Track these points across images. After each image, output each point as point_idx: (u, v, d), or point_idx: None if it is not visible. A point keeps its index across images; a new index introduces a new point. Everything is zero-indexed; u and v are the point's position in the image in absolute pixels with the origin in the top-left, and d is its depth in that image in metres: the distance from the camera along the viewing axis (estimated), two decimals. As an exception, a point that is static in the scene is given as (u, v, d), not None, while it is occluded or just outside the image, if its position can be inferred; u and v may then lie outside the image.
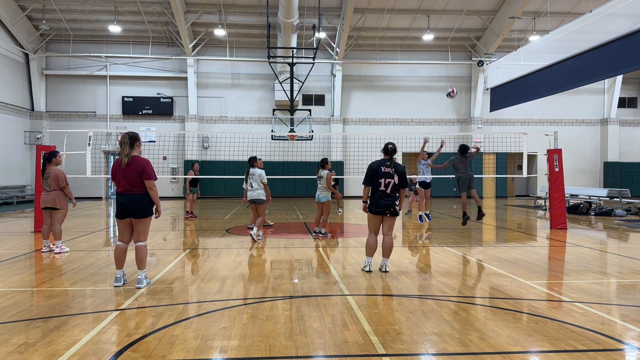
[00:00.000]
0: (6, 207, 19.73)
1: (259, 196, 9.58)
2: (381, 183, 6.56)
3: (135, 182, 5.67)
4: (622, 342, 4.01)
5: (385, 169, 6.59)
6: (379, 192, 6.57)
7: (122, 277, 5.87)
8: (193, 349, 3.80)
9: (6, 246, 9.07)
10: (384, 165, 6.62)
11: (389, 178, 6.57)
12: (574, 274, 6.68)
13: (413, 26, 24.54)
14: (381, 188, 6.55)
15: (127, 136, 5.71)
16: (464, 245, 9.45)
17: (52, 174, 8.16)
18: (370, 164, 6.72)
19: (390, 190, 6.55)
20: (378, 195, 6.58)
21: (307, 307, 4.98)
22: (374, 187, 6.62)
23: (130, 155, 5.68)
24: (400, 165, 6.71)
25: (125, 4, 22.38)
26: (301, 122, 21.03)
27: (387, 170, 6.59)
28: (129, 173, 5.66)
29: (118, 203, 5.74)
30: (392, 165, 6.63)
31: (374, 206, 6.62)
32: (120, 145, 5.76)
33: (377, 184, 6.58)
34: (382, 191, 6.56)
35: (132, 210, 5.69)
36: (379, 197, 6.57)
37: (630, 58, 10.43)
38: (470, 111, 26.85)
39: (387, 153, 6.70)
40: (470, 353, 3.74)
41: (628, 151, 27.86)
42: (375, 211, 6.62)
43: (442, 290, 5.69)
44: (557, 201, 11.99)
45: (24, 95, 24.09)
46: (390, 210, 6.57)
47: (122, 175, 5.70)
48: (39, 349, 3.78)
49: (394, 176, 6.59)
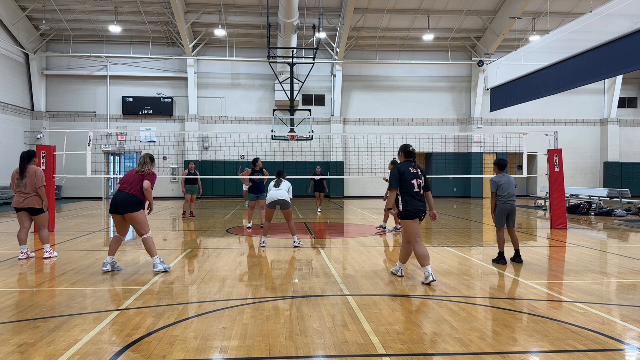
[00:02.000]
0: (6, 207, 19.72)
1: (286, 197, 8.79)
2: (414, 184, 6.10)
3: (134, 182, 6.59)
4: (622, 342, 4.01)
5: (413, 169, 6.18)
6: (413, 194, 6.08)
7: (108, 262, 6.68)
8: (193, 349, 3.80)
9: (6, 246, 9.07)
10: (411, 166, 6.22)
11: (419, 179, 6.18)
12: (574, 274, 6.68)
13: (413, 26, 24.54)
14: (415, 189, 6.10)
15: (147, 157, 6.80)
16: (464, 245, 9.45)
17: (30, 173, 7.66)
18: (396, 167, 6.23)
19: (422, 192, 6.19)
20: (412, 197, 6.07)
21: (307, 307, 4.98)
22: (406, 189, 6.08)
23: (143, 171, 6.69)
24: (422, 168, 6.38)
25: (125, 4, 22.38)
26: (301, 122, 21.03)
27: (415, 170, 6.19)
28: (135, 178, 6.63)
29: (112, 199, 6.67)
30: (417, 166, 6.29)
31: (410, 210, 6.06)
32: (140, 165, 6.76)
33: (410, 185, 6.07)
34: (416, 192, 6.10)
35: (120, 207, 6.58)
36: (414, 200, 6.07)
37: (630, 58, 10.42)
38: (470, 111, 26.85)
39: (411, 155, 6.33)
40: (470, 353, 3.74)
41: (628, 151, 27.86)
42: (414, 214, 6.06)
43: (442, 290, 5.69)
44: (557, 201, 12.00)
45: (24, 95, 24.09)
46: (425, 213, 6.19)
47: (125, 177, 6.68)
48: (39, 349, 3.78)
49: (422, 177, 6.23)
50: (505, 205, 7.33)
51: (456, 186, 27.16)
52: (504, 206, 7.33)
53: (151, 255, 6.70)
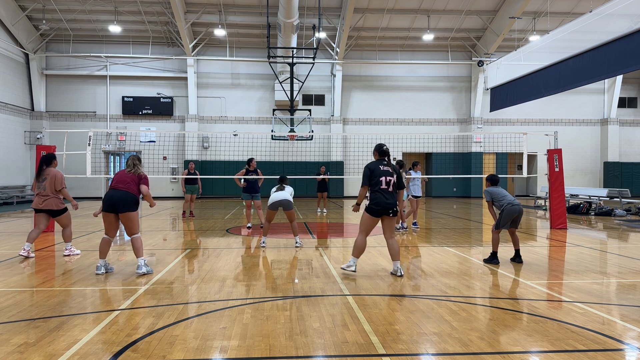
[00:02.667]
0: (6, 207, 19.73)
1: (289, 198, 8.75)
2: (382, 181, 6.35)
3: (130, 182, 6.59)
4: (622, 342, 4.01)
5: (384, 167, 6.45)
6: (381, 191, 6.35)
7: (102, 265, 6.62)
8: (193, 349, 3.80)
9: (6, 246, 9.07)
10: (382, 164, 6.48)
11: (389, 176, 6.41)
12: (574, 274, 6.68)
13: (413, 26, 24.54)
14: (383, 186, 6.34)
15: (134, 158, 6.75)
16: (464, 245, 9.45)
17: (50, 176, 7.80)
18: (367, 165, 6.52)
19: (391, 189, 6.39)
20: (380, 194, 6.34)
21: (307, 307, 4.98)
22: (374, 186, 6.38)
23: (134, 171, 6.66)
24: (395, 166, 6.62)
25: (125, 4, 22.38)
26: (301, 122, 21.03)
27: (386, 168, 6.44)
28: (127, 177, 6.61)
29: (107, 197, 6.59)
30: (389, 164, 6.53)
31: (376, 205, 6.33)
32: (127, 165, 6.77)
33: (378, 182, 6.35)
34: (384, 189, 6.34)
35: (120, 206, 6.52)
36: (381, 196, 6.33)
37: (630, 58, 10.42)
38: (470, 111, 26.85)
39: (384, 154, 6.59)
40: (470, 353, 3.74)
41: (628, 151, 27.86)
42: (377, 211, 6.35)
43: (442, 290, 5.69)
44: (557, 201, 11.99)
45: (24, 95, 24.09)
46: (393, 210, 6.38)
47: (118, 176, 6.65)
48: (39, 349, 3.78)
49: (393, 174, 6.46)
50: (513, 208, 7.22)
51: (456, 186, 27.16)
52: (512, 209, 7.22)
53: (137, 256, 6.61)
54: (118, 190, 6.49)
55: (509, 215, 7.23)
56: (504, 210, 7.26)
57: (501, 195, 7.38)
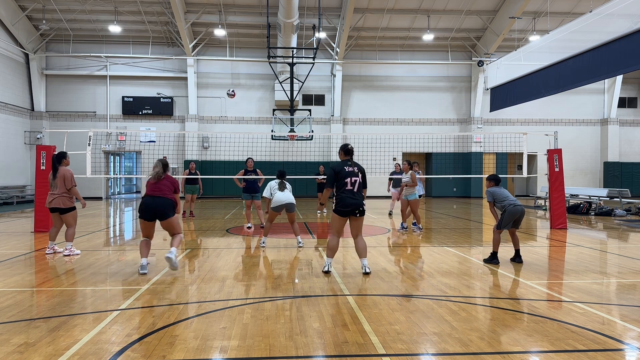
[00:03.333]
0: (6, 207, 19.73)
1: (293, 200, 8.91)
2: (347, 182, 6.47)
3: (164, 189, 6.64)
4: (622, 342, 4.01)
5: (348, 168, 6.56)
6: (347, 192, 6.46)
7: (146, 264, 6.62)
8: (193, 349, 3.80)
9: (6, 246, 9.07)
10: (346, 165, 6.59)
11: (354, 177, 6.53)
12: (574, 274, 6.68)
13: (413, 26, 24.53)
14: (348, 187, 6.47)
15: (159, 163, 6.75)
16: (464, 245, 9.45)
17: (60, 174, 8.02)
18: (331, 167, 6.66)
19: (357, 189, 6.51)
20: (345, 195, 6.46)
21: (307, 307, 4.98)
22: (340, 187, 6.50)
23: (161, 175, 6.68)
24: (361, 165, 6.72)
25: (125, 4, 22.38)
26: (301, 122, 21.02)
27: (351, 169, 6.56)
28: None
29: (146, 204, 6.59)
30: (353, 164, 6.63)
31: (342, 206, 6.44)
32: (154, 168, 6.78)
33: (343, 184, 6.48)
34: (349, 190, 6.47)
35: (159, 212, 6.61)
36: (346, 197, 6.45)
37: (630, 58, 10.42)
38: (470, 111, 26.84)
39: (348, 154, 6.71)
40: (470, 353, 3.74)
41: (628, 151, 27.86)
42: (343, 212, 6.48)
43: (442, 290, 5.69)
44: (557, 201, 11.99)
45: (24, 95, 24.09)
46: (360, 209, 6.50)
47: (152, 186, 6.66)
48: (39, 349, 3.78)
49: (358, 174, 6.58)
50: (515, 208, 7.22)
51: (456, 186, 27.15)
52: (515, 209, 7.22)
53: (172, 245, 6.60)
54: (155, 198, 6.54)
55: (511, 215, 7.23)
56: (505, 210, 7.26)
57: (503, 196, 7.40)
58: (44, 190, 11.02)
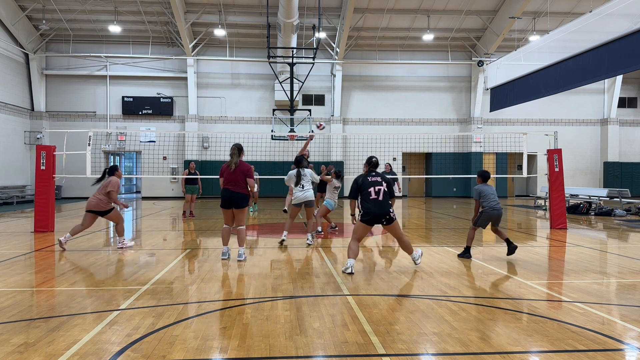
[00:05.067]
0: (6, 207, 19.73)
1: (312, 197, 9.25)
2: (371, 192, 6.50)
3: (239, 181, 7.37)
4: (622, 342, 4.01)
5: (372, 178, 6.61)
6: (371, 202, 6.49)
7: (227, 251, 7.62)
8: (193, 349, 3.80)
9: (6, 246, 9.07)
10: (369, 176, 6.66)
11: (378, 185, 6.54)
12: (574, 274, 6.68)
13: (413, 26, 24.54)
14: (372, 197, 6.48)
15: (235, 147, 7.57)
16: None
17: (106, 181, 8.70)
18: (355, 179, 6.75)
19: (382, 197, 6.50)
20: (370, 205, 6.48)
21: (307, 307, 4.98)
22: (364, 197, 6.54)
23: (237, 162, 7.43)
24: (385, 176, 6.75)
25: (125, 4, 22.38)
26: (301, 122, 21.02)
27: (375, 179, 6.59)
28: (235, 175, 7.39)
29: (224, 197, 7.43)
30: (377, 174, 6.68)
31: (368, 216, 6.49)
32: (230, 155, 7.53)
33: (367, 193, 6.51)
34: (374, 199, 6.48)
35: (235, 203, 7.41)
36: (372, 207, 6.47)
37: (630, 58, 10.42)
38: (470, 111, 26.85)
39: (372, 166, 6.79)
40: (470, 353, 3.74)
41: (628, 151, 27.86)
42: (368, 220, 6.51)
43: (442, 290, 5.69)
44: (557, 201, 11.99)
45: (24, 95, 24.09)
46: (386, 218, 6.50)
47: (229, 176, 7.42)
48: (39, 349, 3.78)
49: (382, 183, 6.58)
50: (493, 212, 7.62)
51: (456, 186, 27.15)
52: (492, 213, 7.63)
53: (240, 245, 7.57)
54: (230, 191, 7.38)
55: (487, 217, 7.68)
56: (483, 212, 7.68)
57: (488, 196, 7.68)
58: (44, 190, 11.03)
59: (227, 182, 7.40)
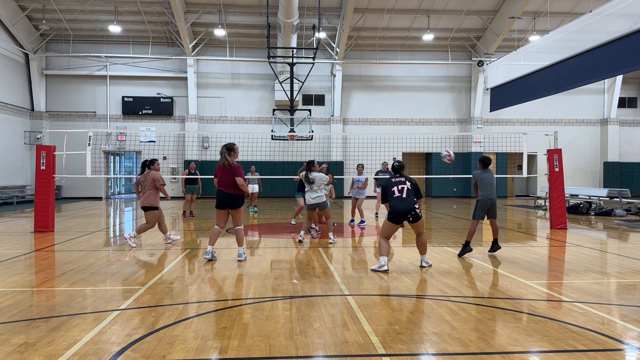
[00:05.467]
0: (6, 207, 19.73)
1: (322, 199, 9.31)
2: (394, 191, 6.69)
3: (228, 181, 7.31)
4: (622, 342, 4.01)
5: (395, 179, 6.83)
6: (396, 199, 6.68)
7: (210, 251, 7.48)
8: (193, 349, 3.80)
9: (6, 246, 9.07)
10: (394, 178, 6.88)
11: (401, 184, 6.74)
12: (574, 274, 6.68)
13: (413, 26, 24.53)
14: (396, 195, 6.67)
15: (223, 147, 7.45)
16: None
17: (150, 176, 8.94)
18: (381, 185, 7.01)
19: (406, 195, 6.65)
20: (395, 202, 6.67)
21: (307, 307, 4.98)
22: (390, 197, 6.75)
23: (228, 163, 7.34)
24: (412, 178, 6.91)
25: (125, 4, 22.38)
26: (301, 122, 21.02)
27: (397, 179, 6.82)
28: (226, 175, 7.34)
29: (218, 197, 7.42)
30: (401, 176, 6.89)
31: (392, 213, 6.68)
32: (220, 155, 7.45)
33: (391, 193, 6.72)
34: (398, 197, 6.67)
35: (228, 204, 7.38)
36: (397, 204, 6.65)
37: (630, 58, 10.42)
38: (470, 111, 26.85)
39: (395, 171, 6.99)
40: (470, 353, 3.74)
41: (628, 151, 27.85)
42: (395, 218, 6.67)
43: (442, 290, 5.69)
44: (557, 201, 11.99)
45: (24, 95, 24.09)
46: (412, 214, 6.63)
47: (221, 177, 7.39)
48: (39, 349, 3.78)
49: (406, 182, 6.77)
50: (486, 202, 7.87)
51: (456, 186, 27.16)
52: (485, 201, 7.88)
53: (239, 245, 7.58)
54: (222, 192, 7.38)
55: (482, 207, 7.90)
56: (478, 201, 7.95)
57: (484, 185, 7.90)
58: (44, 190, 11.02)
59: (220, 183, 7.45)
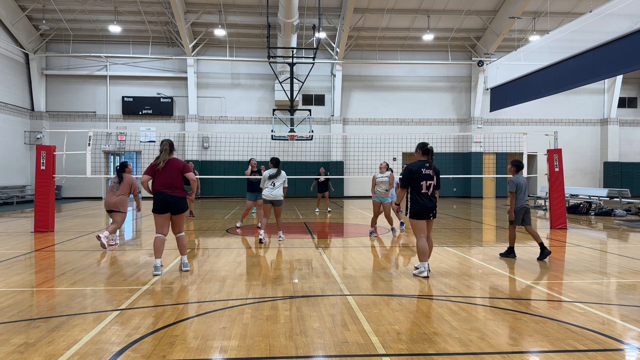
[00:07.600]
0: (6, 207, 19.72)
1: (280, 197, 9.38)
2: (423, 186, 6.34)
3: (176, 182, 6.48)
4: (622, 342, 4.01)
5: (425, 170, 6.38)
6: (422, 196, 6.34)
7: (160, 266, 6.59)
8: (193, 349, 3.80)
9: (6, 246, 9.07)
10: (424, 167, 6.39)
11: (430, 180, 6.39)
12: (574, 274, 6.68)
13: (413, 26, 24.53)
14: (423, 191, 6.34)
15: (167, 143, 6.52)
16: (464, 245, 9.45)
17: (127, 180, 9.11)
18: (408, 166, 6.44)
19: (431, 193, 6.40)
20: (421, 199, 6.34)
21: (307, 307, 4.98)
22: (415, 190, 6.36)
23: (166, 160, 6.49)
24: (437, 167, 6.58)
25: (125, 4, 22.38)
26: (301, 122, 21.02)
27: (428, 172, 6.39)
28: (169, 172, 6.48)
29: (158, 200, 6.44)
30: (431, 166, 6.47)
31: (420, 210, 6.34)
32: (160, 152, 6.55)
33: (419, 186, 6.34)
34: (424, 194, 6.35)
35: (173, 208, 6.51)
36: (423, 202, 6.34)
37: (630, 58, 10.42)
38: (470, 111, 26.84)
39: (427, 154, 6.50)
40: (470, 353, 3.74)
41: (628, 151, 27.86)
42: (418, 215, 6.36)
43: (442, 290, 5.69)
44: (557, 201, 11.99)
45: (24, 95, 24.09)
46: (434, 212, 6.44)
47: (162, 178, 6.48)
48: (39, 349, 3.78)
49: (434, 177, 6.45)
50: (522, 207, 7.75)
51: (456, 186, 27.16)
52: (521, 209, 7.75)
53: (182, 253, 6.87)
54: (167, 195, 6.44)
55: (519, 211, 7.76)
56: (516, 211, 7.76)
57: (524, 191, 7.77)
58: (44, 190, 11.02)
59: (162, 185, 6.44)
